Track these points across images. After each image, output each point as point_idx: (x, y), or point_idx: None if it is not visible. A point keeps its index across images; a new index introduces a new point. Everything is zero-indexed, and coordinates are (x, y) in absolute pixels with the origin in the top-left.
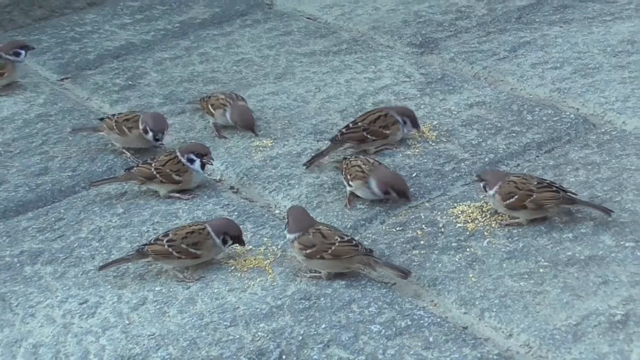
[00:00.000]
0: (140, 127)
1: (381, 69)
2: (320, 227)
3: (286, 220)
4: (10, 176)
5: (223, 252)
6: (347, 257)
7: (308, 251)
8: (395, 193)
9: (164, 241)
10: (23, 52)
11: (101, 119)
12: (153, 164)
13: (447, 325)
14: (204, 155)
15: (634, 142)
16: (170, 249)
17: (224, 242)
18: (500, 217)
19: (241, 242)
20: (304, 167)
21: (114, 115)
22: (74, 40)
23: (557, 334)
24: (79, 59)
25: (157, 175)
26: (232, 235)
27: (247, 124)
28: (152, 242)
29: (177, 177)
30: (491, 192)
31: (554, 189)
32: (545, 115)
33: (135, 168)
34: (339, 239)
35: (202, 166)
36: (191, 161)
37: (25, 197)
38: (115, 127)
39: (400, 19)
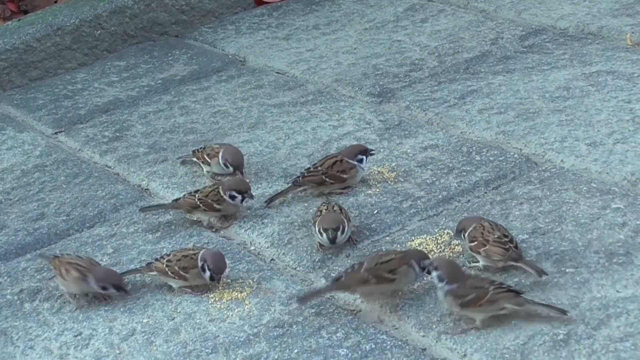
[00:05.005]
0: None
1: (344, 117)
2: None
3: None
4: (10, 222)
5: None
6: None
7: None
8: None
9: (164, 261)
10: (364, 157)
11: (176, 200)
12: (197, 195)
13: (408, 347)
14: (244, 192)
15: (572, 178)
16: (167, 269)
17: (202, 270)
18: (453, 248)
19: (217, 278)
20: (265, 204)
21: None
22: (67, 97)
23: (506, 352)
24: (71, 114)
25: (200, 205)
26: (210, 267)
27: (237, 163)
28: (158, 259)
29: (217, 206)
30: (466, 234)
31: (507, 246)
32: (492, 155)
33: (181, 199)
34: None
35: (242, 201)
36: (232, 197)
37: (24, 240)
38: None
39: (360, 72)
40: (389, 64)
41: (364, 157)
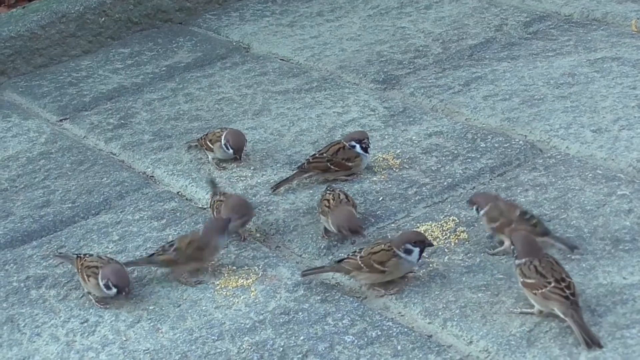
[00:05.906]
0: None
1: (348, 104)
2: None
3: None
4: (16, 209)
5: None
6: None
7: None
8: (347, 231)
9: (171, 250)
10: (357, 144)
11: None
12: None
13: (414, 334)
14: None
15: (577, 165)
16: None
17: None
18: (458, 235)
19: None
20: (271, 190)
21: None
22: (71, 85)
23: (512, 339)
24: (76, 101)
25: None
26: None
27: (238, 146)
28: (160, 252)
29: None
30: (481, 213)
31: (533, 223)
32: (497, 142)
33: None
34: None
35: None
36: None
37: (30, 227)
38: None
39: (364, 59)
40: (393, 50)
41: (357, 145)
